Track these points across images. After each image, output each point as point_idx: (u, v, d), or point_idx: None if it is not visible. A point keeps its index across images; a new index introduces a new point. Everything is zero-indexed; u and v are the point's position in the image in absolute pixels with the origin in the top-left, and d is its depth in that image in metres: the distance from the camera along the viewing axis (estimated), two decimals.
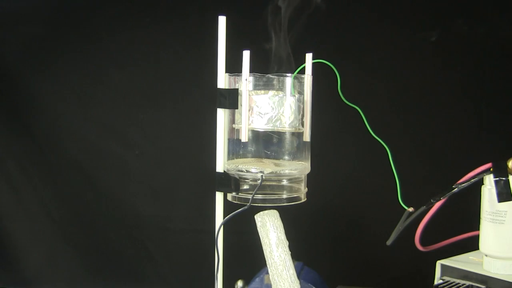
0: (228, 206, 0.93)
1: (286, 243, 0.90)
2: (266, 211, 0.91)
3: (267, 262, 0.90)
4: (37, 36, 1.36)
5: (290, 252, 0.90)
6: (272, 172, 0.91)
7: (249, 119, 0.91)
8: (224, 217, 0.93)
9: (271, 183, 0.93)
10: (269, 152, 0.95)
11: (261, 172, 0.90)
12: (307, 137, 0.95)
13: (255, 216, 0.91)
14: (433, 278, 0.94)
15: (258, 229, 0.91)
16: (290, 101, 0.92)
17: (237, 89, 0.91)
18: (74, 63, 1.36)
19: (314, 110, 0.95)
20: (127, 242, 1.38)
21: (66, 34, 1.35)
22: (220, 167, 0.94)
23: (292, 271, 0.89)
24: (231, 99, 0.91)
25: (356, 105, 0.92)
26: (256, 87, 0.92)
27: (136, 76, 1.34)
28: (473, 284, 0.89)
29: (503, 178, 0.85)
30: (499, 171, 0.86)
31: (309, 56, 0.94)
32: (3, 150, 1.39)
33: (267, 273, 0.91)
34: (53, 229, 1.40)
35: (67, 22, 1.35)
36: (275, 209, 0.92)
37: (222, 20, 0.91)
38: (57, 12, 1.36)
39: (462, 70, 1.21)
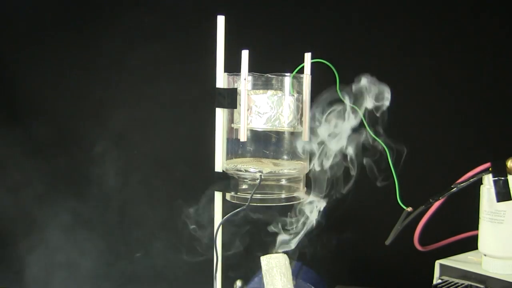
0: (227, 206, 0.93)
1: None
2: (273, 255, 0.87)
3: None
4: (36, 35, 1.36)
5: None
6: (271, 172, 0.91)
7: (247, 119, 0.90)
8: (222, 217, 0.93)
9: (270, 182, 0.93)
10: (268, 152, 0.95)
11: (259, 171, 0.90)
12: (306, 137, 0.94)
13: (261, 258, 0.88)
14: (432, 277, 0.94)
15: (263, 272, 0.87)
16: (289, 100, 0.92)
17: (236, 89, 0.91)
18: (73, 63, 1.36)
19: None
20: (126, 241, 1.38)
21: (65, 33, 1.35)
22: (219, 167, 0.94)
23: None
24: (229, 98, 0.91)
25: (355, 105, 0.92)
26: (255, 86, 0.92)
27: (135, 76, 1.34)
28: (472, 283, 0.89)
29: (502, 178, 0.85)
30: (498, 171, 0.86)
31: (308, 56, 0.94)
32: (2, 150, 1.38)
33: None
34: (52, 229, 1.40)
35: (66, 22, 1.35)
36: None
37: (221, 20, 0.90)
38: (56, 11, 1.36)
39: (462, 69, 1.21)
